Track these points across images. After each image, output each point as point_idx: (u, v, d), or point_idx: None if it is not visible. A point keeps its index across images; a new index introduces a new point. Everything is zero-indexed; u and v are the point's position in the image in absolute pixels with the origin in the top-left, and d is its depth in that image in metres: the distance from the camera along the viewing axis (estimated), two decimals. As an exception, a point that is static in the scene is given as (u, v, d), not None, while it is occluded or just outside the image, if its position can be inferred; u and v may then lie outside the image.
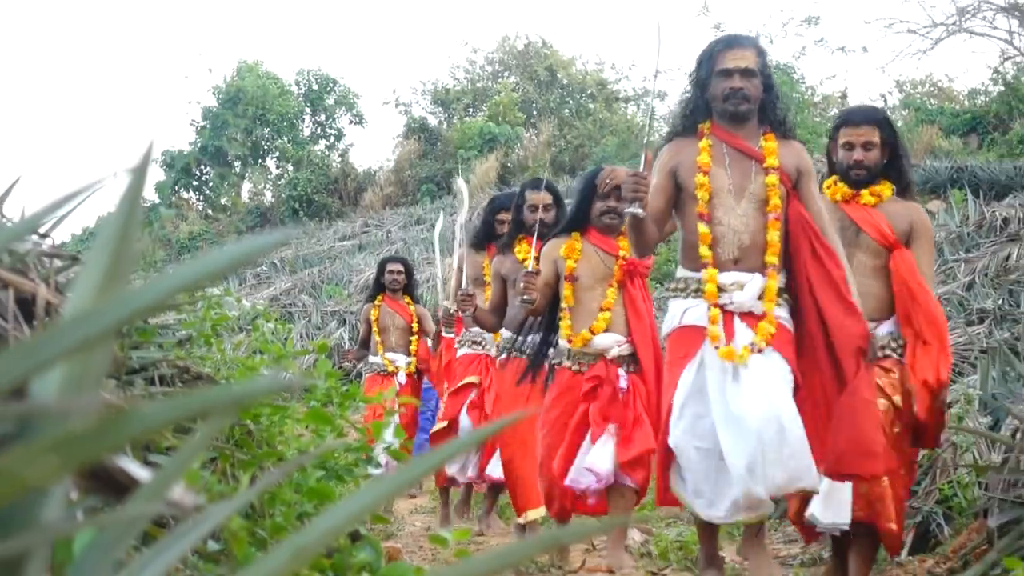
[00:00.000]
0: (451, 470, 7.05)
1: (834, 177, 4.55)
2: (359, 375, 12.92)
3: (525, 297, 5.05)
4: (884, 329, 4.34)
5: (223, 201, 30.04)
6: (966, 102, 23.94)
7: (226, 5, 48.91)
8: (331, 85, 30.90)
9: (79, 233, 26.75)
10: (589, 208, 5.16)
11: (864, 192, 4.44)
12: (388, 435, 2.97)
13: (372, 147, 69.67)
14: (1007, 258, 10.85)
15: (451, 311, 6.75)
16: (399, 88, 50.62)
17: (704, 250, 4.07)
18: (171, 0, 53.12)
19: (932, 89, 27.96)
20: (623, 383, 5.03)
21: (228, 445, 2.49)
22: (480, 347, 6.95)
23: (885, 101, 27.74)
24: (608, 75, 30.80)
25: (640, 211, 4.01)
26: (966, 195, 14.25)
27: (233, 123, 29.06)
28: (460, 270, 6.59)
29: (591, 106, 29.73)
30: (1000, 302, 9.26)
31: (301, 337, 15.20)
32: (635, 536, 6.38)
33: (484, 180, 24.36)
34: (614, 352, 5.05)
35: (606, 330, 5.09)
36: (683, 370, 4.02)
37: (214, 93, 29.57)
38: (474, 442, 2.84)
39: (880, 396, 4.18)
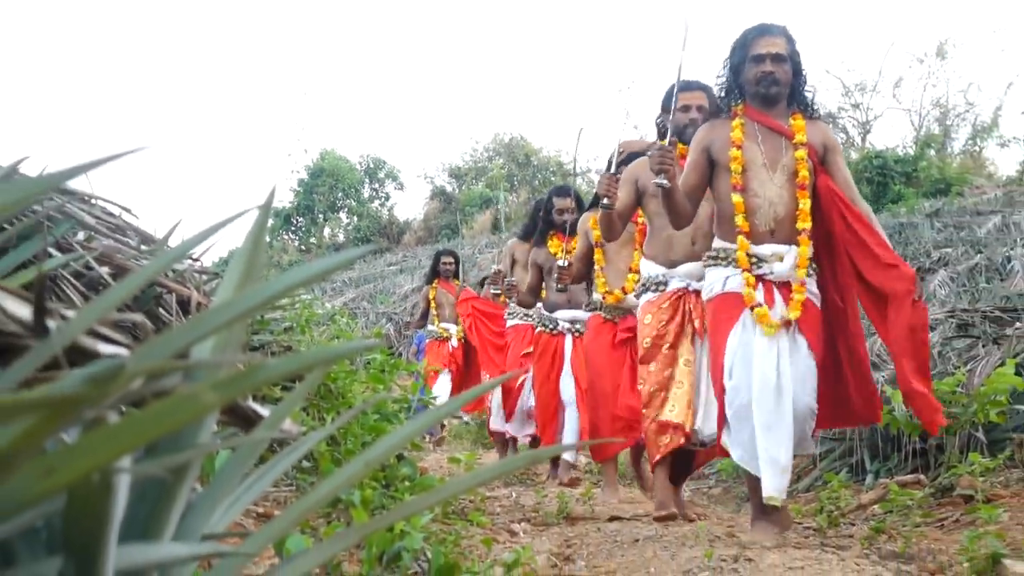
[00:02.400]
0: (510, 429, 5.67)
1: (673, 139, 3.71)
2: (400, 354, 12.83)
3: (559, 287, 4.46)
4: None
5: (311, 241, 29.87)
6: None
7: (316, 108, 49.12)
8: (382, 164, 30.77)
9: (216, 261, 26.59)
10: None
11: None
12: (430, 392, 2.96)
13: (409, 205, 69.66)
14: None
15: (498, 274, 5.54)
16: (427, 166, 50.74)
17: (740, 220, 3.07)
18: (282, 99, 53.02)
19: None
20: None
21: (316, 398, 2.47)
22: (529, 318, 5.57)
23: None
24: (564, 159, 30.77)
25: (666, 182, 3.03)
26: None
27: (318, 189, 29.04)
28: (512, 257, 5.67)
29: (553, 178, 29.69)
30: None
31: (363, 329, 15.12)
32: (581, 457, 5.86)
33: (481, 227, 24.51)
34: None
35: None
36: (730, 331, 3.03)
37: (305, 169, 29.63)
38: (490, 387, 2.76)
39: None
